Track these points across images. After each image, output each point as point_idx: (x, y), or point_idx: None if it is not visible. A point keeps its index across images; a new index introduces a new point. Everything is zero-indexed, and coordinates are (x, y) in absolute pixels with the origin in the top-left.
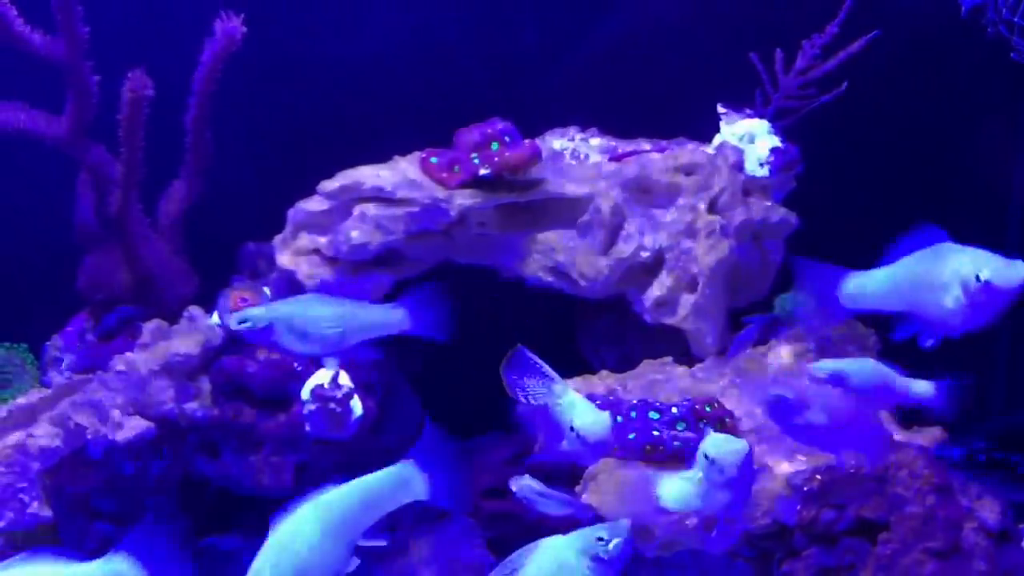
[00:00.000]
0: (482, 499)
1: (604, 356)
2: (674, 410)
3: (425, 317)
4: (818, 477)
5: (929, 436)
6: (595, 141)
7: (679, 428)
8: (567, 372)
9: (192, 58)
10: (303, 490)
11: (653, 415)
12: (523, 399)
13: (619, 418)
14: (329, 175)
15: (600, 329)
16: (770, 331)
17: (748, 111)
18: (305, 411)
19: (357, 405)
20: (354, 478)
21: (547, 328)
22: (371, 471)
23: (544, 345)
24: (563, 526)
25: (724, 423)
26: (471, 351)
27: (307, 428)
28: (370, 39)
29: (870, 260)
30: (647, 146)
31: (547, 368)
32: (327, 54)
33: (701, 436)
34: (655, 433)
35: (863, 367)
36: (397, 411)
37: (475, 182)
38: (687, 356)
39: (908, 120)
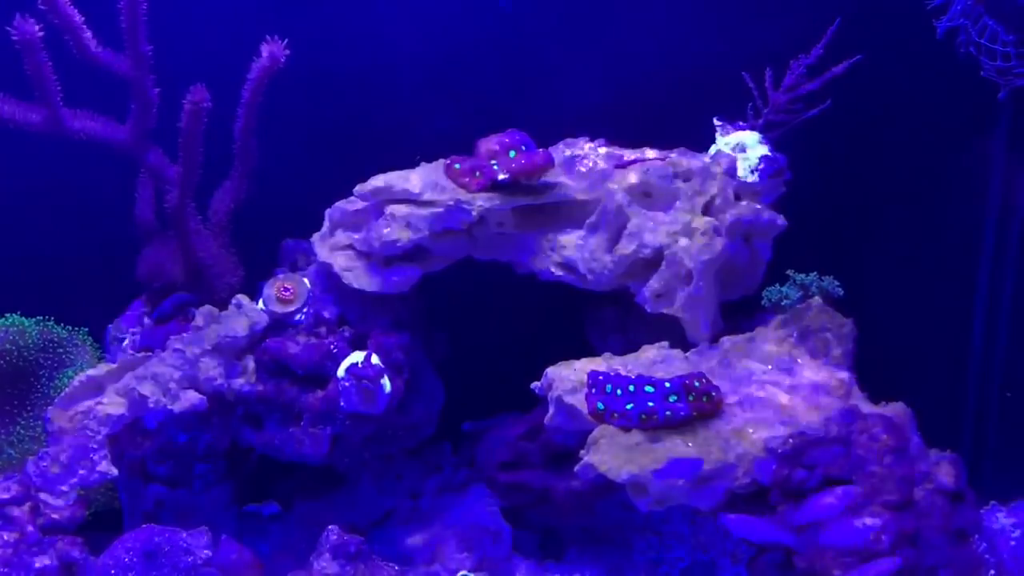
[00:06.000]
0: (498, 471)
1: (610, 343)
2: (667, 384)
3: None
4: (791, 441)
5: (893, 409)
6: (603, 150)
7: (671, 400)
8: (576, 357)
9: (240, 73)
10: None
11: (648, 388)
12: None
13: (619, 391)
14: (363, 179)
15: (606, 319)
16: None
17: (741, 124)
18: (340, 388)
19: (387, 383)
20: (383, 448)
21: (558, 318)
22: (398, 444)
23: (555, 334)
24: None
25: (710, 396)
26: (490, 338)
27: (342, 403)
28: (403, 58)
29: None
30: (650, 154)
31: None
32: (364, 73)
33: (689, 407)
34: (649, 404)
35: None
36: (422, 390)
37: (494, 186)
38: (684, 343)
39: (889, 132)
